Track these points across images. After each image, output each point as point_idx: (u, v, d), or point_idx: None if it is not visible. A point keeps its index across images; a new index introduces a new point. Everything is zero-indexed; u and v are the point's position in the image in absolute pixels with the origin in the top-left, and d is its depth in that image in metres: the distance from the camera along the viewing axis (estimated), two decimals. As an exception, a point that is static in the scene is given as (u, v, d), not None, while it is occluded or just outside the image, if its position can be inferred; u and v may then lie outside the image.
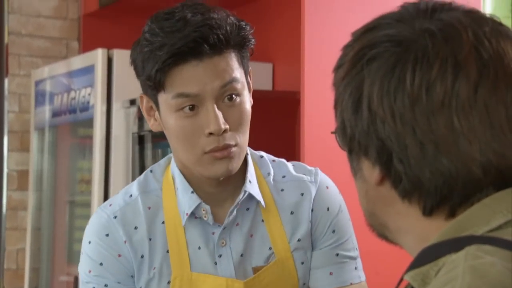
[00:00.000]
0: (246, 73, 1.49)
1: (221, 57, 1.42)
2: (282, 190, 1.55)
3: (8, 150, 3.95)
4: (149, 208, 1.52)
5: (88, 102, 3.41)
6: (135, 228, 1.50)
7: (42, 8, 4.05)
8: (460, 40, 0.90)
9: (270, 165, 1.58)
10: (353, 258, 1.58)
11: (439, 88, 0.89)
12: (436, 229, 0.92)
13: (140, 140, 3.24)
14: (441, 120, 0.89)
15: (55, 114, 3.73)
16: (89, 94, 3.40)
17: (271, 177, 1.56)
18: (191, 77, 1.41)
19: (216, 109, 1.42)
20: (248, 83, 1.50)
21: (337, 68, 0.98)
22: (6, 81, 3.96)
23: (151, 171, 1.56)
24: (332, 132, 1.00)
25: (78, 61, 3.56)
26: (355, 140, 0.94)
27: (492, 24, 0.93)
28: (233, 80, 1.44)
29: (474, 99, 0.89)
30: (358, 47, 0.94)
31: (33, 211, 3.88)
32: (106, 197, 3.29)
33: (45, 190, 3.83)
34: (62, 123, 3.70)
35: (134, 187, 1.54)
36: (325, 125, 1.02)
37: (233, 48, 1.44)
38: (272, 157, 1.61)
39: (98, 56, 3.30)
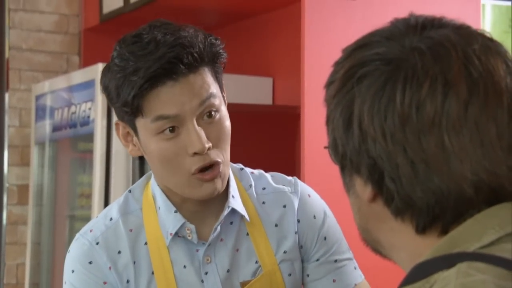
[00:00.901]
0: (221, 87, 1.47)
1: (196, 75, 1.40)
2: (263, 202, 1.54)
3: (8, 165, 3.94)
4: (131, 230, 1.49)
5: (89, 117, 3.42)
6: (119, 252, 1.47)
7: (43, 23, 4.06)
8: (450, 59, 0.90)
9: (250, 177, 1.56)
10: (350, 259, 1.58)
11: (429, 107, 0.89)
12: (429, 246, 0.91)
13: (141, 154, 3.24)
14: (431, 139, 0.89)
15: (55, 128, 3.73)
16: (90, 109, 3.41)
17: (253, 189, 1.55)
18: (168, 98, 1.38)
19: (198, 128, 1.40)
20: (223, 97, 1.48)
21: (328, 85, 0.98)
22: (6, 95, 3.96)
23: (129, 191, 1.54)
24: (325, 147, 1.00)
25: (79, 76, 3.56)
26: (347, 157, 0.94)
27: (481, 41, 0.93)
28: (211, 96, 1.41)
29: (465, 118, 0.89)
30: (348, 65, 0.94)
31: (33, 226, 3.87)
32: (106, 211, 3.28)
33: (45, 204, 3.82)
34: (63, 138, 3.70)
35: (114, 210, 1.51)
36: (326, 139, 1.02)
37: (206, 64, 1.42)
38: (250, 169, 1.59)
39: (99, 70, 3.30)
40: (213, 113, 1.42)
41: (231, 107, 2.98)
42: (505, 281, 0.83)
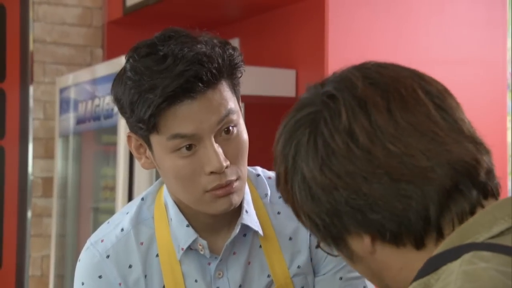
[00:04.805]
0: (238, 99, 1.41)
1: (215, 91, 1.33)
2: (278, 213, 1.49)
3: (33, 157, 3.98)
4: (142, 243, 1.44)
5: (112, 109, 3.42)
6: (130, 266, 1.44)
7: (67, 15, 4.07)
8: (351, 81, 0.96)
9: (267, 184, 1.50)
10: (359, 278, 1.50)
11: (359, 130, 0.93)
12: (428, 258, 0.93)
13: (164, 147, 3.24)
14: (378, 153, 0.92)
15: (79, 121, 3.75)
16: (113, 101, 3.42)
17: (268, 198, 1.49)
18: (186, 117, 1.32)
19: (216, 146, 1.34)
20: (240, 109, 1.42)
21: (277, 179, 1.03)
22: (31, 88, 3.99)
23: (142, 199, 1.49)
24: (317, 247, 1.05)
25: (102, 69, 3.57)
26: (330, 225, 0.96)
27: (373, 63, 0.99)
28: (229, 112, 1.35)
29: (395, 122, 0.92)
30: (281, 145, 1.02)
31: (57, 218, 3.90)
32: (130, 204, 3.29)
33: (70, 197, 3.85)
34: (86, 130, 3.71)
35: (126, 220, 1.47)
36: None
37: (225, 78, 1.35)
38: (268, 174, 1.53)
39: (122, 63, 3.30)
40: (231, 128, 1.36)
41: (254, 100, 2.96)
42: (507, 267, 0.85)
